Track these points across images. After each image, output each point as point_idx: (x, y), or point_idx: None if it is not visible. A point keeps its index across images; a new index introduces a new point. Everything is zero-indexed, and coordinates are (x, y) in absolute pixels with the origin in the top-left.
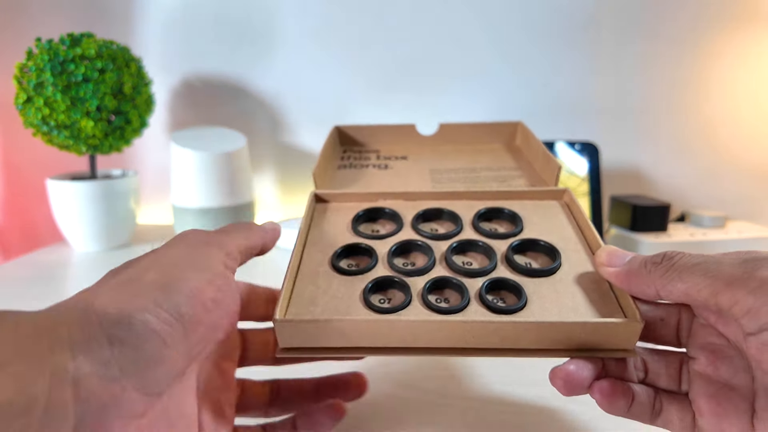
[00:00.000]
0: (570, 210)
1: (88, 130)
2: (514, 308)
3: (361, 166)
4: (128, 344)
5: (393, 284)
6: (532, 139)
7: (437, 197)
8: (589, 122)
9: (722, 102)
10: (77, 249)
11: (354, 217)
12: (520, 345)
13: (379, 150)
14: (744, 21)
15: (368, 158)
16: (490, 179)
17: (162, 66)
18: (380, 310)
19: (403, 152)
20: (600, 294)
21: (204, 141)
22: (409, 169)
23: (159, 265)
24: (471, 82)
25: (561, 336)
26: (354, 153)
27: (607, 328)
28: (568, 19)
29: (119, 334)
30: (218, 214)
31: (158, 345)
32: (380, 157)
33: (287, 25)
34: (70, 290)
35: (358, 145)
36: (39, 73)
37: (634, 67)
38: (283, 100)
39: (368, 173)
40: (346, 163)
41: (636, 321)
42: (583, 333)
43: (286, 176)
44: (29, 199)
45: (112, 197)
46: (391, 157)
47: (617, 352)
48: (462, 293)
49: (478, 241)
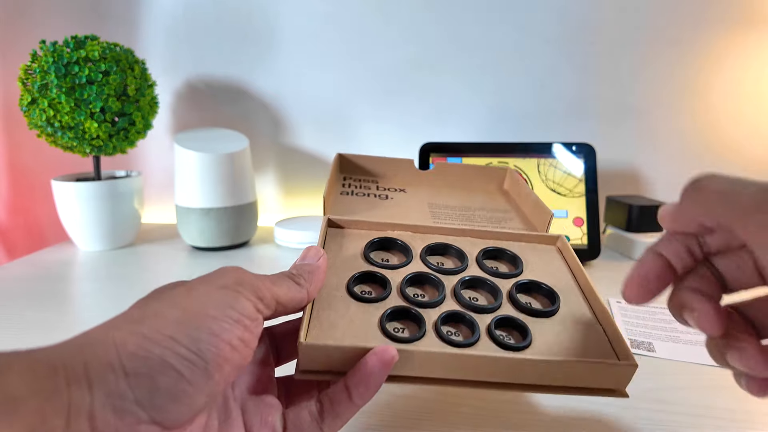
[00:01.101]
0: (563, 255)
1: (92, 131)
2: (521, 346)
3: (363, 195)
4: (145, 376)
5: (407, 314)
6: (522, 186)
7: (443, 232)
8: (586, 123)
9: (721, 103)
10: (82, 248)
11: (366, 245)
12: (525, 380)
13: (377, 180)
14: (743, 23)
15: (369, 187)
16: (485, 219)
17: (165, 68)
18: (398, 339)
19: (402, 185)
20: (596, 337)
21: (207, 142)
22: (408, 202)
23: (185, 302)
24: (470, 83)
25: (564, 374)
26: (354, 181)
27: (607, 369)
28: (567, 20)
29: (136, 366)
30: (221, 214)
31: (174, 379)
32: (380, 188)
33: (289, 27)
34: (75, 290)
35: (357, 174)
36: (43, 75)
37: (632, 69)
38: (285, 102)
39: (371, 202)
40: (347, 189)
41: (633, 364)
42: (585, 372)
43: (288, 177)
44: (34, 199)
45: (117, 198)
46: (390, 189)
47: (611, 393)
48: (472, 328)
49: (486, 279)
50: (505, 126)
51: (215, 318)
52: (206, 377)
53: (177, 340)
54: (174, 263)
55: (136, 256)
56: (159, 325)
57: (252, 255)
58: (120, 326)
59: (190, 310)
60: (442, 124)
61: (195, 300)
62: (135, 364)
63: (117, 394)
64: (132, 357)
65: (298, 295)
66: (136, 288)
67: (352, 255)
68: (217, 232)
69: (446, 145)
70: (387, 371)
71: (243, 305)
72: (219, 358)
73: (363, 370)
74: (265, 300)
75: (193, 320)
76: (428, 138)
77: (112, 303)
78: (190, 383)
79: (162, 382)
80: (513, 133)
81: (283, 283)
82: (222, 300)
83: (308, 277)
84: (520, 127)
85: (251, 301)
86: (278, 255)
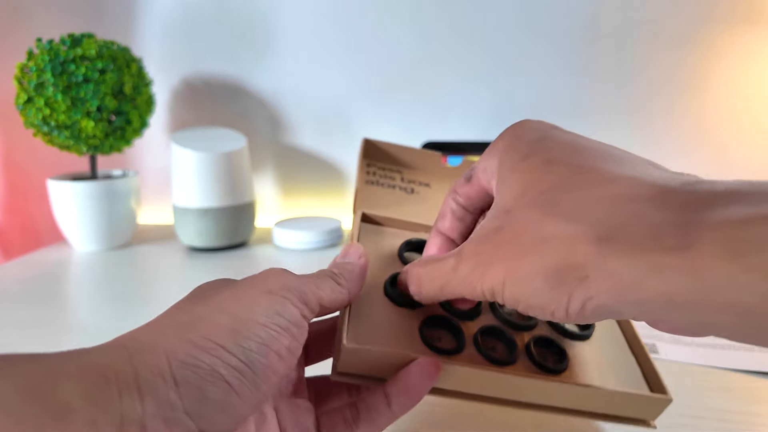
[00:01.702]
0: None
1: (88, 130)
2: (559, 369)
3: (388, 186)
4: (194, 386)
5: (445, 323)
6: None
7: None
8: (588, 122)
9: (722, 103)
10: (78, 249)
11: (402, 246)
12: (562, 404)
13: (402, 171)
14: (745, 22)
15: (393, 178)
16: None
17: (162, 66)
18: (439, 350)
19: (425, 179)
20: (628, 365)
21: (204, 141)
22: (435, 198)
23: (233, 307)
24: (470, 83)
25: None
26: (378, 169)
27: (644, 400)
28: (568, 19)
29: (186, 375)
30: (219, 214)
31: (224, 390)
32: (404, 180)
33: (287, 25)
34: (71, 290)
35: (381, 161)
36: (39, 73)
37: (634, 68)
38: (283, 100)
39: (397, 195)
40: (372, 179)
41: (669, 399)
42: (621, 401)
43: (287, 176)
44: (30, 199)
45: (113, 197)
46: (414, 182)
47: (638, 422)
48: (509, 344)
49: None
50: (507, 124)
51: (264, 326)
52: (254, 388)
53: (227, 348)
54: (171, 264)
55: (133, 256)
56: (208, 332)
57: (250, 256)
58: (167, 332)
59: (239, 316)
60: (442, 122)
61: (243, 305)
62: (185, 373)
63: (167, 404)
64: (182, 366)
65: (340, 296)
66: (133, 289)
67: (388, 254)
68: (215, 232)
69: (447, 144)
70: (431, 384)
71: (290, 312)
72: (268, 369)
73: (406, 380)
74: (310, 305)
75: (243, 328)
76: (429, 136)
77: (107, 304)
78: (239, 394)
79: (211, 393)
80: None
81: (326, 285)
82: (270, 306)
83: (349, 276)
84: None
85: (298, 307)
86: (277, 256)
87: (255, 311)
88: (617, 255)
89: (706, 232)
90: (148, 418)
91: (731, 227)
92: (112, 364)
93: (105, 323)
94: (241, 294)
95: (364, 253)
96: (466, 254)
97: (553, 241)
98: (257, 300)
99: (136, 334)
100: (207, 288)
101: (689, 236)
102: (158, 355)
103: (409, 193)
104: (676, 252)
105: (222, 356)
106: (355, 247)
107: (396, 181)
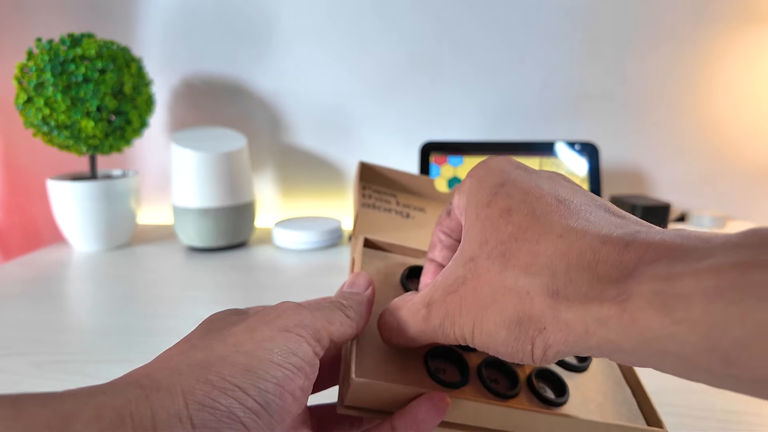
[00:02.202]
0: None
1: (88, 130)
2: (560, 402)
3: (384, 209)
4: (211, 428)
5: (448, 355)
6: None
7: None
8: (589, 122)
9: (723, 102)
10: (77, 249)
11: (404, 273)
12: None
13: (396, 195)
14: (746, 21)
15: (389, 201)
16: None
17: (162, 66)
18: (445, 383)
19: (420, 204)
20: (623, 396)
21: (204, 141)
22: (431, 224)
23: (249, 344)
24: (471, 82)
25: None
26: (374, 192)
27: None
28: (569, 19)
29: (204, 418)
30: (219, 214)
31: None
32: (399, 204)
33: (287, 26)
34: (70, 291)
35: (376, 184)
36: (39, 73)
37: (635, 67)
38: (283, 101)
39: (394, 219)
40: (369, 201)
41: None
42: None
43: (287, 177)
44: (30, 199)
45: (113, 197)
46: (410, 206)
47: None
48: (511, 377)
49: None
50: (508, 124)
51: (280, 366)
52: (269, 430)
53: (245, 390)
54: (171, 264)
55: (132, 256)
56: (226, 373)
57: (250, 256)
58: (184, 371)
59: (255, 355)
60: (443, 123)
61: (258, 344)
62: (203, 416)
63: None
64: (200, 408)
65: (349, 330)
66: (132, 289)
67: (391, 282)
68: (215, 232)
69: (447, 144)
70: (440, 418)
71: (305, 351)
72: (282, 411)
73: (415, 414)
74: (322, 342)
75: (259, 368)
76: (429, 137)
77: (107, 304)
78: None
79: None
80: (515, 131)
81: (336, 319)
82: (285, 345)
83: (358, 309)
84: (523, 125)
85: (311, 345)
86: (277, 256)
87: (271, 350)
88: (567, 308)
89: (642, 285)
90: None
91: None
92: (128, 404)
93: (105, 323)
94: (256, 331)
95: (371, 282)
96: (435, 304)
97: (512, 294)
98: (273, 338)
99: (150, 371)
100: (219, 320)
101: (627, 289)
102: (176, 396)
103: (405, 217)
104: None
105: (239, 398)
106: (362, 277)
107: (392, 205)
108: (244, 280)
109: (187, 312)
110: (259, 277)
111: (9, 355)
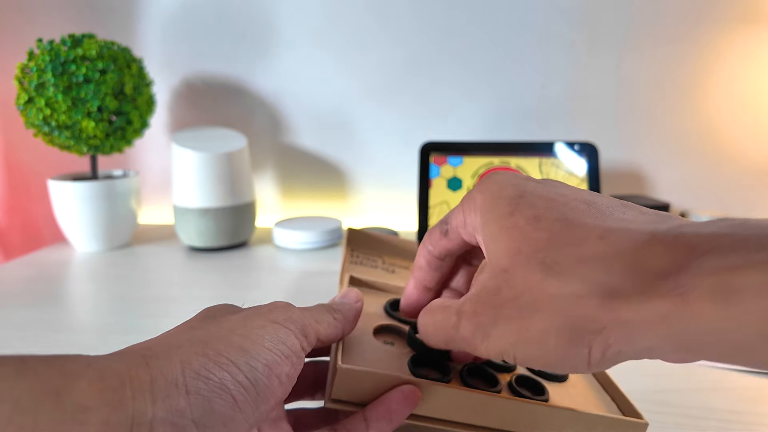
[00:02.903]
0: None
1: (89, 130)
2: (541, 399)
3: (371, 266)
4: (203, 397)
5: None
6: None
7: None
8: (588, 122)
9: (723, 102)
10: (78, 249)
11: (388, 302)
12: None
13: (383, 256)
14: (745, 21)
15: (375, 260)
16: None
17: (163, 67)
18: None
19: (405, 263)
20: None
21: (205, 141)
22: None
23: (243, 329)
24: (470, 83)
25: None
26: (361, 254)
27: (624, 424)
28: (567, 18)
29: (198, 386)
30: (219, 214)
31: (229, 404)
32: (385, 262)
33: (288, 26)
34: (71, 290)
35: (364, 248)
36: (40, 73)
37: (634, 67)
38: (284, 101)
39: (379, 273)
40: (356, 260)
41: (645, 423)
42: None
43: (287, 177)
44: (31, 199)
45: (113, 197)
46: (396, 264)
47: None
48: (492, 382)
49: None
50: (507, 125)
51: (270, 350)
52: (255, 407)
53: (237, 365)
54: (171, 264)
55: (133, 256)
56: (222, 348)
57: (250, 256)
58: (183, 345)
59: (249, 338)
60: (442, 123)
61: (252, 330)
62: (197, 384)
63: (177, 411)
64: (195, 376)
65: (335, 331)
66: (133, 289)
67: (375, 310)
68: (215, 232)
69: (447, 144)
70: (411, 410)
71: (292, 342)
72: (268, 391)
73: (387, 405)
74: (309, 338)
75: (252, 349)
76: (429, 137)
77: (108, 304)
78: (241, 410)
79: (217, 405)
80: (515, 132)
81: (323, 320)
82: (275, 334)
83: (346, 314)
84: (522, 125)
85: (299, 339)
86: (277, 256)
87: (263, 337)
88: (626, 306)
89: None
90: (157, 421)
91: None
92: (128, 369)
93: (105, 323)
94: (249, 319)
95: (361, 298)
96: (465, 314)
97: (560, 299)
98: (264, 327)
99: (150, 344)
100: (215, 311)
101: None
102: (174, 364)
103: (391, 272)
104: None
105: (232, 372)
106: (354, 292)
107: (378, 263)
108: (244, 280)
109: (187, 312)
110: (260, 277)
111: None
